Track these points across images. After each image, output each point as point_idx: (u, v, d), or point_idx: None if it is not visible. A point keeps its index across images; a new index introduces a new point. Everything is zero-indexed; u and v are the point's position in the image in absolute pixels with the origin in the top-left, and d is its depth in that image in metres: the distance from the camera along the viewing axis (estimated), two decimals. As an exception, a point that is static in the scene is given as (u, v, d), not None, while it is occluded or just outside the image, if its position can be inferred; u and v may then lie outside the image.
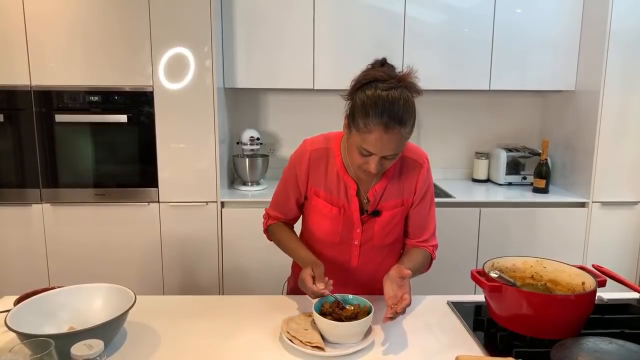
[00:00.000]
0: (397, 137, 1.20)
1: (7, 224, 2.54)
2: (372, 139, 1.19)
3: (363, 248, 1.42)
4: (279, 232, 1.50)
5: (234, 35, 2.66)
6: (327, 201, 1.39)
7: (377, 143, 1.19)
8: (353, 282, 1.45)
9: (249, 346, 1.18)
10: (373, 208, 1.39)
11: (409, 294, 1.24)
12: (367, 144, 1.20)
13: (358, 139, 1.22)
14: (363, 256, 1.44)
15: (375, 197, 1.38)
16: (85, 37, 2.41)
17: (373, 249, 1.43)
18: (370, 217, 1.39)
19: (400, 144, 1.22)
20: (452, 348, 1.18)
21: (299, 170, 1.40)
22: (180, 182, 2.55)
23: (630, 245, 2.72)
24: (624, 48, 2.54)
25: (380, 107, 1.17)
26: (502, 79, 2.79)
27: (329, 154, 1.39)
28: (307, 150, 1.39)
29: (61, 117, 2.46)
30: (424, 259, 1.45)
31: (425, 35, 2.72)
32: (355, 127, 1.21)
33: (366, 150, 1.21)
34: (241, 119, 3.06)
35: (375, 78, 1.21)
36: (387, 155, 1.22)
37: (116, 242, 2.57)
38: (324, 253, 1.44)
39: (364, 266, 1.45)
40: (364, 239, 1.41)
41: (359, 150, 1.23)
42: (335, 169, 1.38)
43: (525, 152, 3.04)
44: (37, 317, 1.15)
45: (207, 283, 2.63)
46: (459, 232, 2.65)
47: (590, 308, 1.18)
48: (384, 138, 1.18)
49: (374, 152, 1.21)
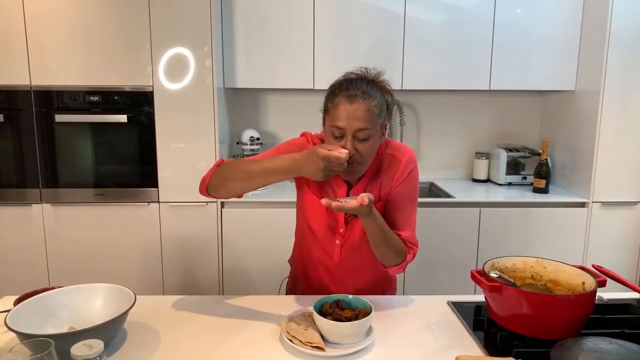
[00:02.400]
0: (363, 108, 1.24)
1: (7, 224, 2.54)
2: (338, 112, 1.25)
3: (344, 247, 1.44)
4: (242, 159, 1.38)
5: (234, 35, 2.66)
6: (315, 197, 1.43)
7: (343, 115, 1.24)
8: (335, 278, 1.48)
9: (249, 346, 1.18)
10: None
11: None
12: (335, 120, 1.26)
13: (329, 122, 1.28)
14: (344, 254, 1.45)
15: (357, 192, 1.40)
16: (85, 37, 2.41)
17: (354, 248, 1.44)
18: (353, 217, 1.40)
19: (368, 117, 1.25)
20: (452, 348, 1.18)
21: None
22: (180, 182, 2.55)
23: (630, 245, 2.72)
24: (624, 48, 2.54)
25: (344, 84, 1.29)
26: (502, 79, 2.79)
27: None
28: (310, 143, 1.45)
29: (61, 117, 2.46)
30: (398, 242, 1.36)
31: (425, 35, 2.72)
32: (326, 112, 1.30)
33: (336, 127, 1.26)
34: (241, 119, 3.06)
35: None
36: (358, 129, 1.25)
37: (116, 242, 2.57)
38: (310, 249, 1.49)
39: (344, 263, 1.46)
40: (345, 239, 1.43)
41: (332, 134, 1.28)
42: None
43: (525, 152, 3.04)
44: (37, 317, 1.15)
45: (207, 283, 2.63)
46: (459, 232, 2.66)
47: (590, 308, 1.18)
48: (349, 109, 1.24)
49: (343, 125, 1.25)
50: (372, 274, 1.51)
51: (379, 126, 1.31)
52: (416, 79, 2.76)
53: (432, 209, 2.64)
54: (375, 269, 1.44)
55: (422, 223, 2.63)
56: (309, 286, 1.55)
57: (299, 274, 1.60)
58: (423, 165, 3.22)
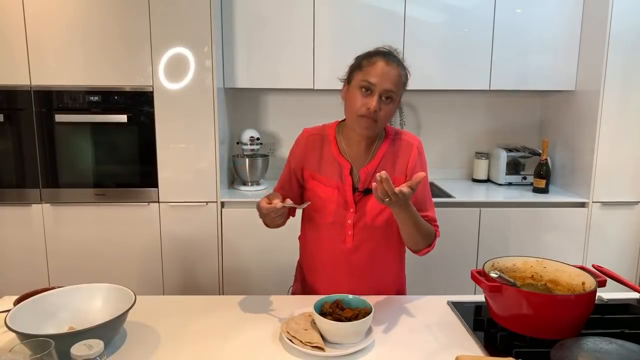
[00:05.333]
0: (396, 73, 1.36)
1: (7, 224, 2.54)
2: (376, 69, 1.34)
3: (356, 228, 1.44)
4: None
5: (234, 35, 2.66)
6: (322, 183, 1.46)
7: (380, 72, 1.33)
8: (349, 268, 1.46)
9: (249, 346, 1.18)
10: (364, 186, 1.44)
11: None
12: (370, 75, 1.34)
13: (360, 77, 1.35)
14: (357, 237, 1.45)
15: (367, 175, 1.44)
16: (85, 37, 2.41)
17: (366, 230, 1.44)
18: (363, 196, 1.43)
19: (397, 82, 1.36)
20: (452, 348, 1.18)
21: (297, 152, 1.51)
22: (180, 182, 2.55)
23: (630, 245, 2.72)
24: (624, 48, 2.54)
25: (381, 50, 1.41)
26: (502, 79, 2.79)
27: (324, 139, 1.49)
28: (304, 136, 1.52)
29: (61, 117, 2.46)
30: (427, 225, 1.42)
31: (425, 35, 2.72)
32: (359, 68, 1.37)
33: (369, 82, 1.33)
34: (241, 119, 3.06)
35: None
36: (386, 89, 1.33)
37: (116, 242, 2.57)
38: (321, 237, 1.49)
39: (359, 249, 1.46)
40: (356, 218, 1.44)
41: (361, 88, 1.34)
42: (330, 152, 1.47)
43: (525, 152, 3.04)
44: (37, 317, 1.15)
45: (207, 283, 2.63)
46: (459, 232, 2.66)
47: (590, 308, 1.18)
48: (385, 69, 1.34)
49: (376, 82, 1.33)
50: (388, 265, 1.51)
51: (399, 96, 1.40)
52: (416, 79, 2.72)
53: (432, 209, 2.64)
54: (391, 258, 1.50)
55: (422, 223, 2.64)
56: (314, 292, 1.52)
57: (306, 280, 1.57)
58: (423, 165, 3.22)
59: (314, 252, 1.53)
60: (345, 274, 1.47)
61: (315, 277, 1.54)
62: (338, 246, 1.46)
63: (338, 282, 1.46)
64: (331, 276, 1.49)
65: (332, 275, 1.49)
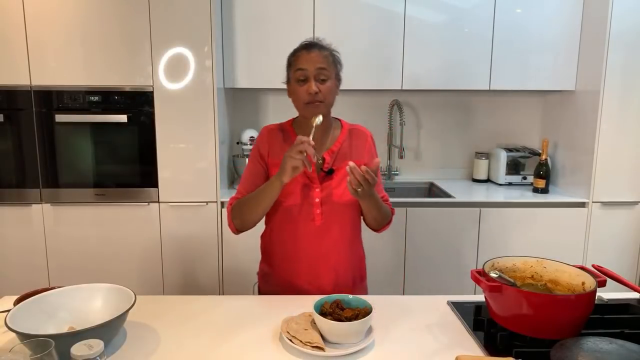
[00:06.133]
0: (320, 54, 1.49)
1: (7, 224, 2.54)
2: (301, 59, 1.49)
3: (324, 206, 1.52)
4: (243, 199, 1.56)
5: (234, 35, 2.66)
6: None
7: (305, 59, 1.48)
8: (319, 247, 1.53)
9: (249, 346, 1.18)
10: (329, 167, 1.55)
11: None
12: (298, 64, 1.48)
13: (293, 71, 1.50)
14: (325, 215, 1.53)
15: (331, 157, 1.56)
16: (85, 37, 2.41)
17: (333, 207, 1.53)
18: (327, 176, 1.54)
19: (325, 61, 1.48)
20: (452, 348, 1.18)
21: (260, 146, 1.60)
22: (180, 182, 2.55)
23: (630, 245, 2.72)
24: (624, 48, 2.54)
25: (303, 43, 1.55)
26: (502, 79, 2.79)
27: (284, 131, 1.62)
28: (265, 131, 1.64)
29: (61, 117, 2.46)
30: (385, 205, 1.59)
31: (425, 35, 2.72)
32: (290, 66, 1.53)
33: (300, 69, 1.47)
34: (241, 119, 3.06)
35: None
36: (318, 67, 1.46)
37: (116, 242, 2.57)
38: (291, 219, 1.54)
39: (327, 227, 1.53)
40: (324, 196, 1.52)
41: (297, 80, 1.49)
42: (291, 141, 1.54)
43: (525, 152, 3.04)
44: (37, 317, 1.15)
45: (207, 283, 2.63)
46: (459, 232, 2.66)
47: (590, 308, 1.18)
48: (309, 56, 1.48)
49: (306, 67, 1.47)
50: (353, 242, 1.60)
51: (335, 74, 1.52)
52: (416, 79, 2.76)
53: (432, 209, 2.64)
54: (356, 235, 1.62)
55: (422, 223, 2.64)
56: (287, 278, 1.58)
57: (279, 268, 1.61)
58: (423, 165, 3.22)
59: (286, 237, 1.57)
60: (316, 253, 1.54)
61: (290, 263, 1.57)
62: (308, 225, 1.53)
63: (312, 261, 1.54)
64: (306, 254, 1.54)
65: (306, 254, 1.54)
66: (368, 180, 1.32)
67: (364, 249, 1.69)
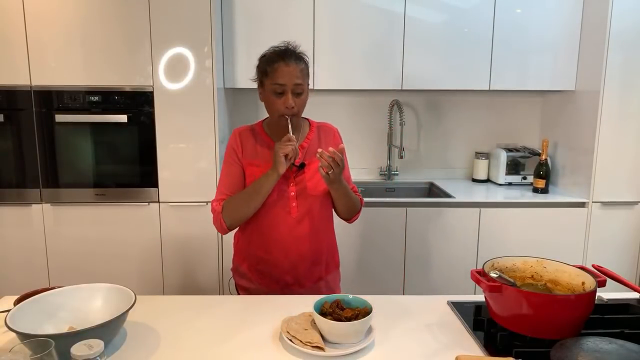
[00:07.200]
0: (297, 68, 1.52)
1: (7, 224, 2.54)
2: (278, 72, 1.51)
3: (299, 199, 1.60)
4: (232, 197, 1.60)
5: (234, 35, 2.66)
6: (260, 167, 1.59)
7: (282, 74, 1.50)
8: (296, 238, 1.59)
9: (249, 346, 1.18)
10: (300, 161, 1.61)
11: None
12: (277, 78, 1.51)
13: (270, 83, 1.52)
14: (301, 207, 1.59)
15: (302, 152, 1.63)
16: (85, 37, 2.42)
17: (307, 200, 1.60)
18: (299, 170, 1.60)
19: (302, 76, 1.53)
20: (452, 348, 1.18)
21: (235, 147, 1.64)
22: (180, 182, 2.55)
23: (630, 245, 2.72)
24: (624, 48, 2.54)
25: (279, 52, 1.55)
26: (502, 79, 2.79)
27: (255, 132, 1.66)
28: (236, 133, 1.67)
29: (61, 117, 2.46)
30: (354, 195, 1.67)
31: (425, 35, 2.72)
32: (265, 76, 1.54)
33: (278, 84, 1.50)
34: (241, 119, 3.06)
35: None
36: (296, 84, 1.51)
37: (116, 242, 2.57)
38: (269, 214, 1.59)
39: (303, 218, 1.60)
40: (298, 190, 1.60)
41: (274, 91, 1.52)
42: (263, 140, 1.63)
43: (525, 152, 3.04)
44: (37, 317, 1.15)
45: (207, 283, 2.63)
46: (459, 232, 2.66)
47: (590, 308, 1.18)
48: (287, 70, 1.51)
49: (285, 81, 1.50)
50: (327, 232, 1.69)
51: (307, 84, 1.58)
52: (416, 79, 2.76)
53: (432, 209, 2.64)
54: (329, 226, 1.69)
55: (422, 223, 2.64)
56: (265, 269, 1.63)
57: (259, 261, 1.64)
58: (423, 165, 3.22)
59: (264, 230, 1.61)
60: (293, 243, 1.60)
61: (268, 254, 1.62)
62: (285, 219, 1.59)
63: (288, 251, 1.60)
64: (283, 245, 1.60)
65: (283, 245, 1.60)
66: (337, 161, 1.41)
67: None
